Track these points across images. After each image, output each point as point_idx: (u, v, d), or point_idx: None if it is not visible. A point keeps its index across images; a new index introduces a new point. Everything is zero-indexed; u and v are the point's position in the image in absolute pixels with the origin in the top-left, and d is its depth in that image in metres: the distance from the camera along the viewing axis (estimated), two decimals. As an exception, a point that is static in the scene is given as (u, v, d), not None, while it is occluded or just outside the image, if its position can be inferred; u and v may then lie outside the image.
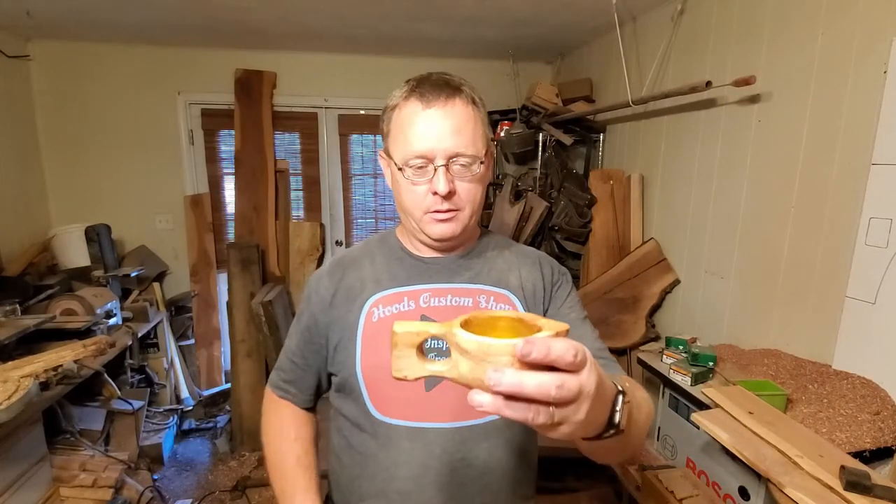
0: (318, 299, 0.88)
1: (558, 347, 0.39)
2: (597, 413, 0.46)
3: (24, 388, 1.57)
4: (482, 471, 0.81)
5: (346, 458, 0.86)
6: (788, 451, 1.16)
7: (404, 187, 0.80)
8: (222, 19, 2.59)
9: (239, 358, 2.82)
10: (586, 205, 2.67)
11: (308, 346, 0.89)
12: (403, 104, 0.78)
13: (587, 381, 0.41)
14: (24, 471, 1.73)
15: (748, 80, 1.71)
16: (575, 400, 0.41)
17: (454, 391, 0.79)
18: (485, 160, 0.81)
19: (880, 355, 1.38)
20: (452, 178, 0.78)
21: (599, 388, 0.44)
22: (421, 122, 0.76)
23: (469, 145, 0.77)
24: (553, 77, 3.53)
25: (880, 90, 1.37)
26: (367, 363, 0.82)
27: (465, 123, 0.77)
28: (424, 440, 0.79)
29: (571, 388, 0.40)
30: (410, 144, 0.77)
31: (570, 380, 0.40)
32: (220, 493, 2.45)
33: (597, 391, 0.43)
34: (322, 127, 3.48)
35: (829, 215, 1.55)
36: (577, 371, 0.41)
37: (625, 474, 1.80)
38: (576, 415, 0.42)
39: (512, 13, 2.48)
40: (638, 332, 2.37)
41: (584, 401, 0.42)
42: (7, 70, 2.83)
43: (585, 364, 0.42)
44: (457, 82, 0.80)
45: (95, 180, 3.18)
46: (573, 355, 0.40)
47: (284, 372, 0.94)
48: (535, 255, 0.93)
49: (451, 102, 0.77)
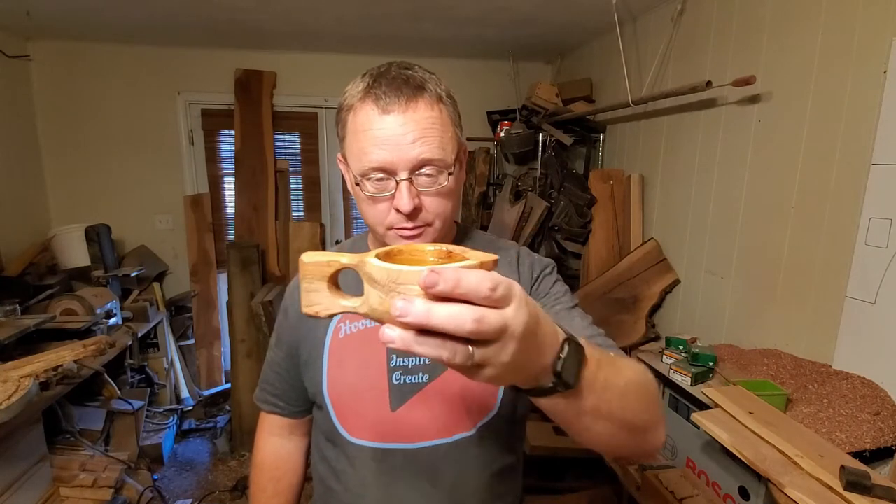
0: (294, 312, 0.85)
1: (471, 279, 0.34)
2: (531, 357, 0.40)
3: (24, 388, 1.56)
4: (452, 490, 0.77)
5: (322, 470, 0.84)
6: (788, 451, 1.16)
7: (363, 202, 0.71)
8: (222, 19, 2.59)
9: (239, 358, 2.82)
10: (586, 205, 2.67)
11: (290, 358, 0.86)
12: (359, 107, 0.68)
13: (514, 318, 0.36)
14: (24, 471, 1.73)
15: (748, 80, 1.71)
16: (498, 339, 0.36)
17: (420, 410, 0.76)
18: (454, 167, 0.70)
19: (880, 355, 1.38)
20: (418, 193, 0.68)
21: (533, 327, 0.39)
22: (378, 131, 0.66)
23: (436, 150, 0.67)
24: (553, 77, 3.53)
25: (880, 90, 1.37)
26: (333, 382, 0.78)
27: (431, 128, 0.67)
28: (391, 462, 0.76)
29: (491, 322, 0.35)
30: (367, 155, 0.67)
31: (491, 314, 0.35)
32: (220, 493, 2.45)
33: (528, 331, 0.38)
34: (322, 127, 3.48)
35: (829, 215, 1.55)
36: (499, 307, 0.36)
37: (625, 474, 1.80)
38: (499, 356, 0.37)
39: (512, 13, 2.48)
40: (638, 332, 2.37)
41: (510, 340, 0.37)
42: (7, 70, 2.83)
43: (512, 299, 0.36)
44: (419, 79, 0.68)
45: (95, 180, 3.18)
46: (489, 288, 0.34)
47: (272, 385, 0.90)
48: (514, 253, 0.85)
49: (413, 106, 0.66)
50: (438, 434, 0.76)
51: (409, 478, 0.77)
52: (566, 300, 0.78)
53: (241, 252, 2.93)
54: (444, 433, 0.77)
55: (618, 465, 1.86)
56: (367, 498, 0.78)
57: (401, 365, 0.77)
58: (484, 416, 0.77)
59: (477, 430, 0.77)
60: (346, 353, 0.79)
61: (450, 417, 0.77)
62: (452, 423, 0.77)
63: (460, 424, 0.77)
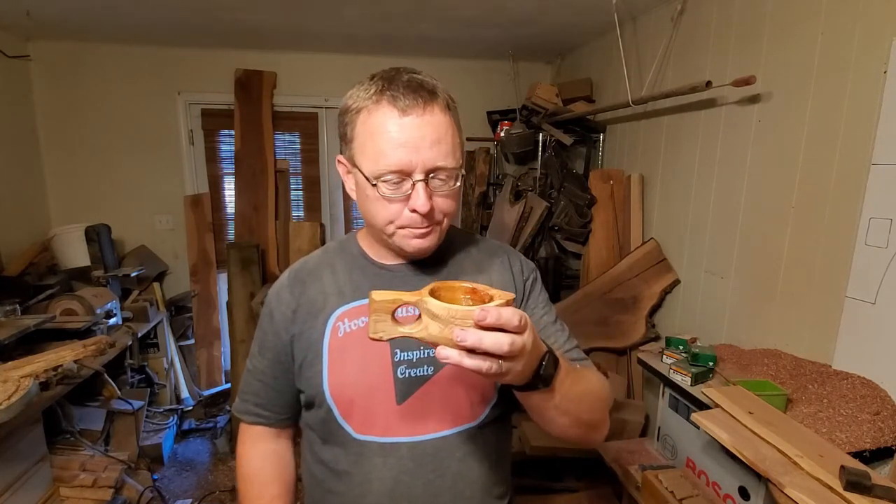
0: (280, 316, 0.83)
1: (507, 314, 0.51)
2: (530, 364, 0.57)
3: (24, 388, 1.56)
4: (455, 479, 0.79)
5: (319, 473, 0.83)
6: (788, 451, 1.16)
7: (375, 202, 0.72)
8: (222, 19, 2.59)
9: (239, 358, 2.82)
10: (586, 205, 2.67)
11: (277, 365, 0.84)
12: (374, 109, 0.69)
13: (528, 340, 0.54)
14: (24, 471, 1.73)
15: (748, 80, 1.71)
16: (520, 355, 0.53)
17: (426, 402, 0.78)
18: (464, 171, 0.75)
19: (880, 355, 1.38)
20: (431, 193, 0.71)
21: (535, 343, 0.57)
22: (397, 133, 0.68)
23: (449, 156, 0.70)
24: (553, 77, 3.53)
25: (880, 90, 1.37)
26: (335, 380, 0.78)
27: (445, 133, 0.70)
28: (397, 455, 0.77)
29: (518, 345, 0.52)
30: (386, 157, 0.68)
31: (518, 339, 0.52)
32: (220, 493, 2.45)
33: (533, 346, 0.56)
34: (322, 127, 3.48)
35: (829, 215, 1.55)
36: (521, 332, 0.53)
37: (625, 474, 1.80)
38: (517, 366, 0.54)
39: (512, 13, 2.48)
40: (638, 332, 2.37)
41: (524, 355, 0.54)
42: (7, 70, 2.83)
43: (527, 327, 0.54)
44: (431, 85, 0.71)
45: (95, 180, 3.18)
46: (519, 320, 0.52)
47: (255, 395, 0.87)
48: (503, 252, 0.88)
49: (430, 109, 0.69)
50: (444, 425, 0.79)
51: (415, 470, 0.78)
52: (549, 311, 0.87)
53: (241, 252, 2.94)
54: (449, 424, 0.79)
55: (618, 465, 1.86)
56: (373, 494, 0.78)
57: (405, 359, 0.78)
58: (486, 406, 0.81)
59: (480, 419, 0.81)
60: (347, 350, 0.79)
61: (455, 408, 0.79)
62: (457, 414, 0.79)
63: (465, 414, 0.80)
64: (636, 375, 2.47)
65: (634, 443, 2.04)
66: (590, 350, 2.54)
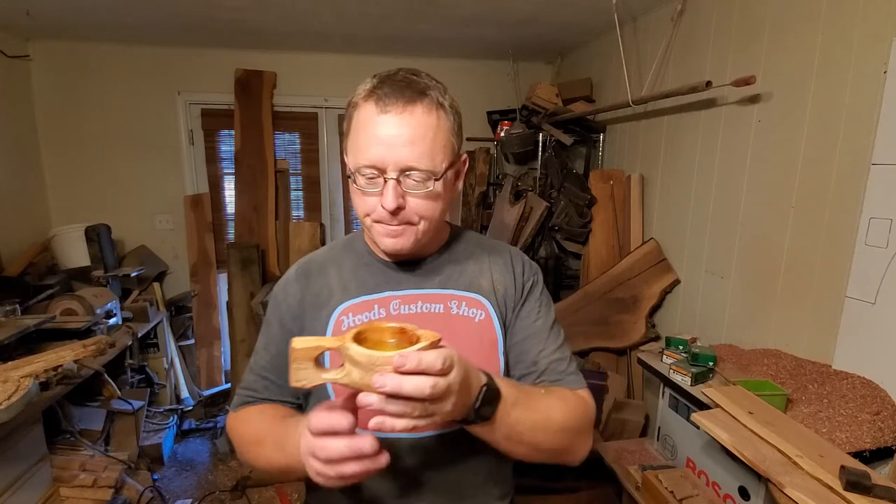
0: (287, 308, 0.84)
1: (428, 359, 0.51)
2: (463, 401, 0.57)
3: (24, 388, 1.56)
4: (454, 477, 0.79)
5: None
6: (788, 451, 1.16)
7: (354, 193, 0.75)
8: (222, 19, 2.59)
9: (239, 358, 2.83)
10: (586, 205, 2.67)
11: (280, 358, 0.82)
12: (362, 105, 0.72)
13: (454, 379, 0.53)
14: (24, 471, 1.73)
15: (748, 80, 1.71)
16: (445, 396, 0.53)
17: None
18: (445, 175, 0.73)
19: (880, 355, 1.38)
20: (404, 193, 0.71)
21: (466, 381, 0.56)
22: (373, 129, 0.70)
23: (423, 158, 0.70)
24: (553, 77, 3.53)
25: (880, 90, 1.37)
26: None
27: (424, 133, 0.70)
28: (396, 452, 0.76)
29: (441, 387, 0.52)
30: (364, 152, 0.71)
31: (441, 381, 0.52)
32: (220, 493, 2.45)
33: (462, 385, 0.55)
34: (322, 127, 3.48)
35: (829, 215, 1.55)
36: (446, 374, 0.52)
37: (625, 474, 1.80)
38: (444, 406, 0.54)
39: (512, 13, 2.48)
40: (638, 332, 2.37)
41: (451, 395, 0.54)
42: (7, 70, 2.83)
43: (454, 366, 0.53)
44: (422, 85, 0.71)
45: (95, 180, 3.17)
46: (441, 363, 0.52)
47: (257, 391, 0.85)
48: (507, 253, 0.89)
49: (410, 109, 0.69)
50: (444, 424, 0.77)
51: (416, 466, 0.78)
52: (547, 315, 0.85)
53: (241, 252, 2.94)
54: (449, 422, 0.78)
55: (618, 465, 1.86)
56: (372, 489, 0.79)
57: None
58: None
59: None
60: None
61: None
62: None
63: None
64: (636, 375, 2.47)
65: (634, 443, 2.04)
66: (590, 350, 2.54)
